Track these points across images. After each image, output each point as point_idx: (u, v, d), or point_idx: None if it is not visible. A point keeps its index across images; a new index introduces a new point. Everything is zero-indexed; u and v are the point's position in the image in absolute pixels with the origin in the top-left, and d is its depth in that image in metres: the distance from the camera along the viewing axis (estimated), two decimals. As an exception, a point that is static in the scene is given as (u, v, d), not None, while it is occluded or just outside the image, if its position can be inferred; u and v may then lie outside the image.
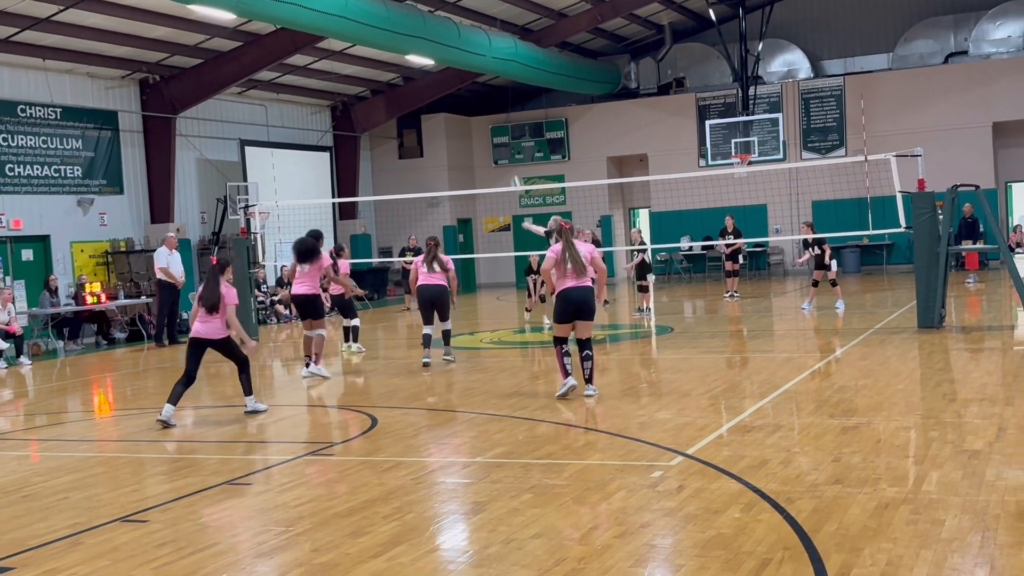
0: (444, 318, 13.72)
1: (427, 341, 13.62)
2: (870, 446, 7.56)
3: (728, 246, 22.57)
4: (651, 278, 20.09)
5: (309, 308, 13.16)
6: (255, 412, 10.62)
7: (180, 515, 6.70)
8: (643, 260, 20.05)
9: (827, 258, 18.86)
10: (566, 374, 10.20)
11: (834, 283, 19.13)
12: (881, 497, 6.13)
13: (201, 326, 10.39)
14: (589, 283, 10.13)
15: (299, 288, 13.09)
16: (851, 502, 6.05)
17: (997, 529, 5.42)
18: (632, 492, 6.58)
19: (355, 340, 15.95)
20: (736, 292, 22.62)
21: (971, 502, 5.94)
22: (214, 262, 10.76)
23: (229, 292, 10.48)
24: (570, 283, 10.05)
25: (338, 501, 6.78)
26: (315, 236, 13.39)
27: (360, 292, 17.34)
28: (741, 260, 23.61)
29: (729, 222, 22.90)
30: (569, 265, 10.04)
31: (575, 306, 10.08)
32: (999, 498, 5.99)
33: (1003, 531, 5.39)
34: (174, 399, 10.19)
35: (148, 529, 6.36)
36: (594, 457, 7.74)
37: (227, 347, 10.57)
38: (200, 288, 10.62)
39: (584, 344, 10.22)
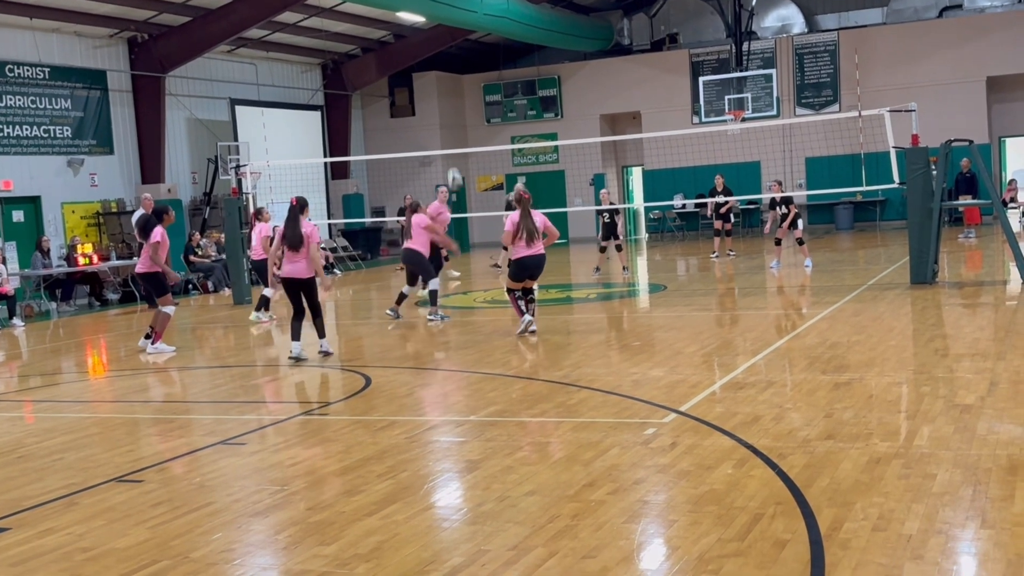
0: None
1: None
2: (862, 402, 7.59)
3: (718, 206, 22.44)
4: (616, 241, 19.97)
5: (152, 285, 12.98)
6: (326, 353, 11.30)
7: (175, 475, 6.72)
8: (611, 221, 19.89)
9: (788, 221, 18.65)
10: (521, 313, 12.07)
11: (779, 242, 19.13)
12: (873, 452, 6.16)
13: (289, 266, 11.05)
14: (542, 250, 11.90)
15: (141, 267, 12.87)
16: (843, 457, 6.08)
17: (988, 483, 5.45)
18: (625, 449, 6.61)
19: (266, 309, 15.67)
20: (732, 251, 22.54)
21: (962, 456, 5.97)
22: (294, 202, 11.18)
23: (312, 231, 11.05)
24: (527, 251, 11.79)
25: (332, 460, 6.80)
26: (157, 213, 13.02)
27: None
28: (733, 219, 23.52)
29: (719, 181, 22.63)
30: (524, 234, 11.72)
31: (530, 271, 11.96)
32: (990, 452, 6.02)
33: (994, 485, 5.42)
34: (296, 335, 11.18)
35: (143, 489, 6.38)
36: (587, 415, 7.76)
37: (310, 289, 11.15)
38: (281, 228, 11.14)
39: (529, 291, 12.18)
